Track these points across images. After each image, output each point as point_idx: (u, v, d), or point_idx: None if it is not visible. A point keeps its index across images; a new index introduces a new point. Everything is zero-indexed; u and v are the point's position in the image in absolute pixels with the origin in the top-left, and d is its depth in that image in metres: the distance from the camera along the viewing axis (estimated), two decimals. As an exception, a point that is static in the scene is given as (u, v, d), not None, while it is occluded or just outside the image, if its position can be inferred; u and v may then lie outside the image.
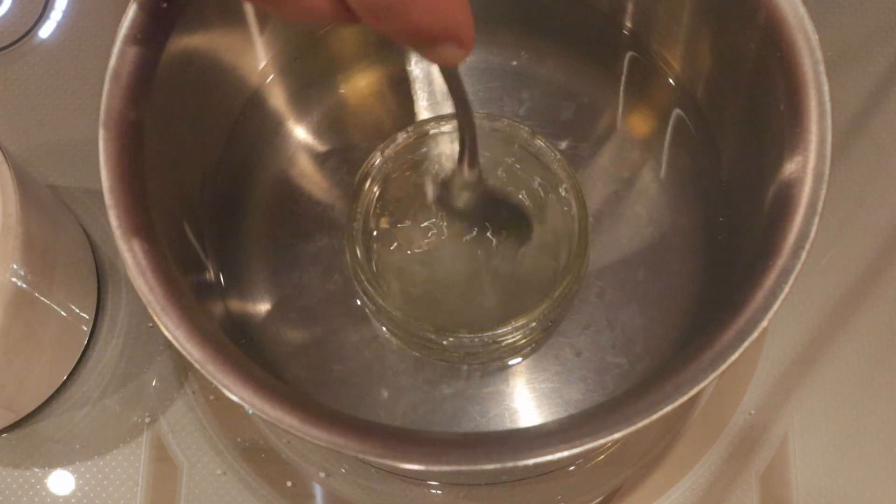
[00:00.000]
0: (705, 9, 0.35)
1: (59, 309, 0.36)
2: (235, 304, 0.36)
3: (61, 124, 0.43)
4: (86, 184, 0.42)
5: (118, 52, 0.29)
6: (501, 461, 0.25)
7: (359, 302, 0.36)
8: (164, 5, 0.30)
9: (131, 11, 0.30)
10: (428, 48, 0.23)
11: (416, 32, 0.22)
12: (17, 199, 0.32)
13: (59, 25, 0.45)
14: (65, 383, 0.39)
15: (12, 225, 0.32)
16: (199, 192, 0.36)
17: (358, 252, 0.33)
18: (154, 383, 0.39)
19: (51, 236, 0.35)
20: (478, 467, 0.25)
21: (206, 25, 0.33)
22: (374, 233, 0.35)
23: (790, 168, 0.29)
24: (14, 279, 0.32)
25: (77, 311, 0.38)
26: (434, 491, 0.38)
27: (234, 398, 0.26)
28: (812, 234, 0.28)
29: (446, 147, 0.36)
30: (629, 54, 0.40)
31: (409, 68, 0.40)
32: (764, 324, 0.27)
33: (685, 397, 0.26)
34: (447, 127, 0.35)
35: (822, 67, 0.29)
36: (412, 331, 0.33)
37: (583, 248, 0.33)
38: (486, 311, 0.34)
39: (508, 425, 0.35)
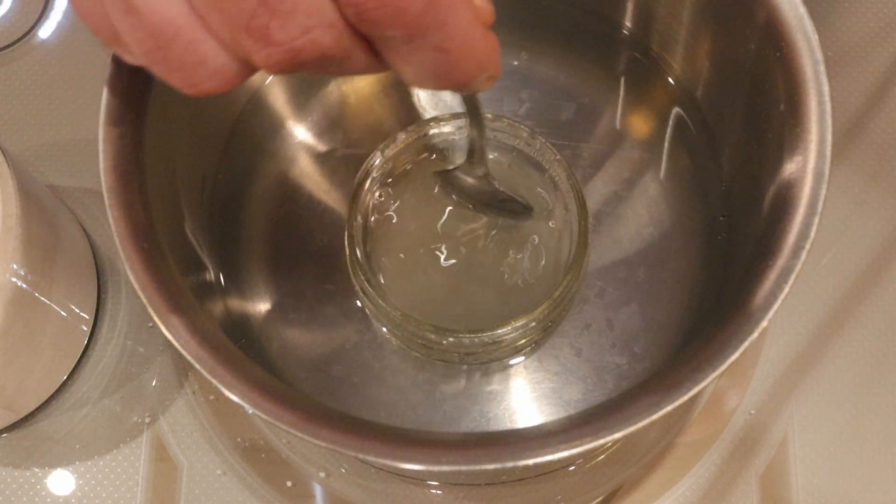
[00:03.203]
0: (705, 9, 0.35)
1: (59, 309, 0.36)
2: (235, 304, 0.36)
3: (61, 124, 0.43)
4: (86, 184, 0.42)
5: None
6: (501, 461, 0.25)
7: (359, 302, 0.36)
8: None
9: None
10: (464, 86, 0.23)
11: (460, 81, 0.22)
12: (18, 199, 0.32)
13: (59, 25, 0.45)
14: (65, 383, 0.39)
15: (12, 225, 0.32)
16: (200, 192, 0.36)
17: (358, 252, 0.33)
18: (154, 383, 0.39)
19: (51, 236, 0.35)
20: (478, 467, 0.25)
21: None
22: (375, 233, 0.35)
23: (790, 168, 0.29)
24: (14, 279, 0.32)
25: (77, 311, 0.38)
26: (434, 491, 0.38)
27: (234, 398, 0.26)
28: (812, 234, 0.28)
29: (446, 147, 0.36)
30: (629, 54, 0.40)
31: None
32: (764, 324, 0.27)
33: (685, 397, 0.26)
34: (447, 127, 0.35)
35: (822, 67, 0.29)
36: (412, 331, 0.33)
37: (583, 248, 0.33)
38: (487, 311, 0.34)
39: (508, 425, 0.35)
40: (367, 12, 0.19)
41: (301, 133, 0.39)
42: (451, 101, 0.39)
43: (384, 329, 0.36)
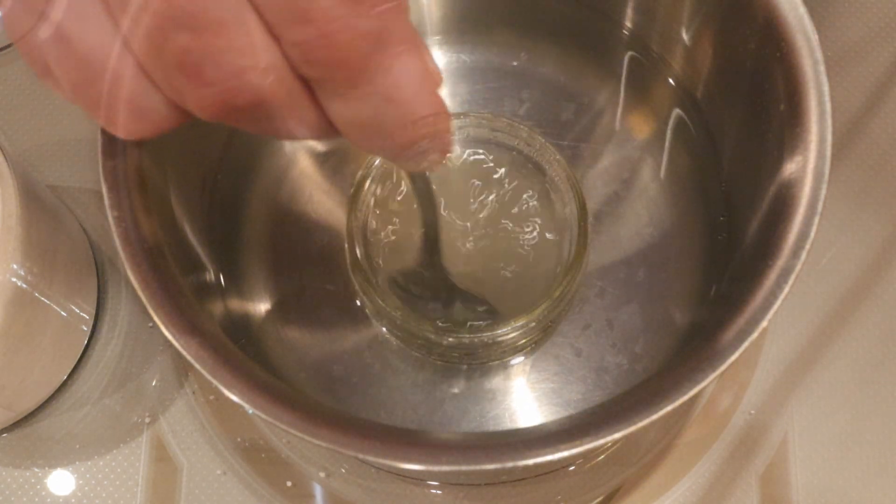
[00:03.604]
0: (705, 9, 0.35)
1: (59, 309, 0.36)
2: (235, 304, 0.36)
3: (61, 124, 0.43)
4: (86, 184, 0.42)
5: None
6: (501, 461, 0.25)
7: (359, 302, 0.36)
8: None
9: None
10: (413, 161, 0.22)
11: (407, 140, 0.21)
12: (18, 199, 0.32)
13: (59, 25, 0.45)
14: (65, 383, 0.39)
15: (12, 225, 0.32)
16: (199, 192, 0.36)
17: (357, 252, 0.33)
18: (154, 383, 0.39)
19: (51, 236, 0.35)
20: (478, 467, 0.25)
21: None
22: (374, 232, 0.35)
23: (790, 168, 0.29)
24: (14, 279, 0.32)
25: (77, 311, 0.38)
26: (434, 491, 0.38)
27: (234, 398, 0.26)
28: (812, 234, 0.28)
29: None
30: (629, 54, 0.40)
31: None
32: (764, 324, 0.26)
33: (685, 397, 0.26)
34: (447, 127, 0.35)
35: (822, 67, 0.29)
36: (412, 331, 0.33)
37: (583, 248, 0.33)
38: (487, 310, 0.34)
39: (508, 425, 0.35)
40: (313, 52, 0.18)
41: (301, 133, 0.39)
42: (450, 100, 0.39)
43: (384, 329, 0.36)
